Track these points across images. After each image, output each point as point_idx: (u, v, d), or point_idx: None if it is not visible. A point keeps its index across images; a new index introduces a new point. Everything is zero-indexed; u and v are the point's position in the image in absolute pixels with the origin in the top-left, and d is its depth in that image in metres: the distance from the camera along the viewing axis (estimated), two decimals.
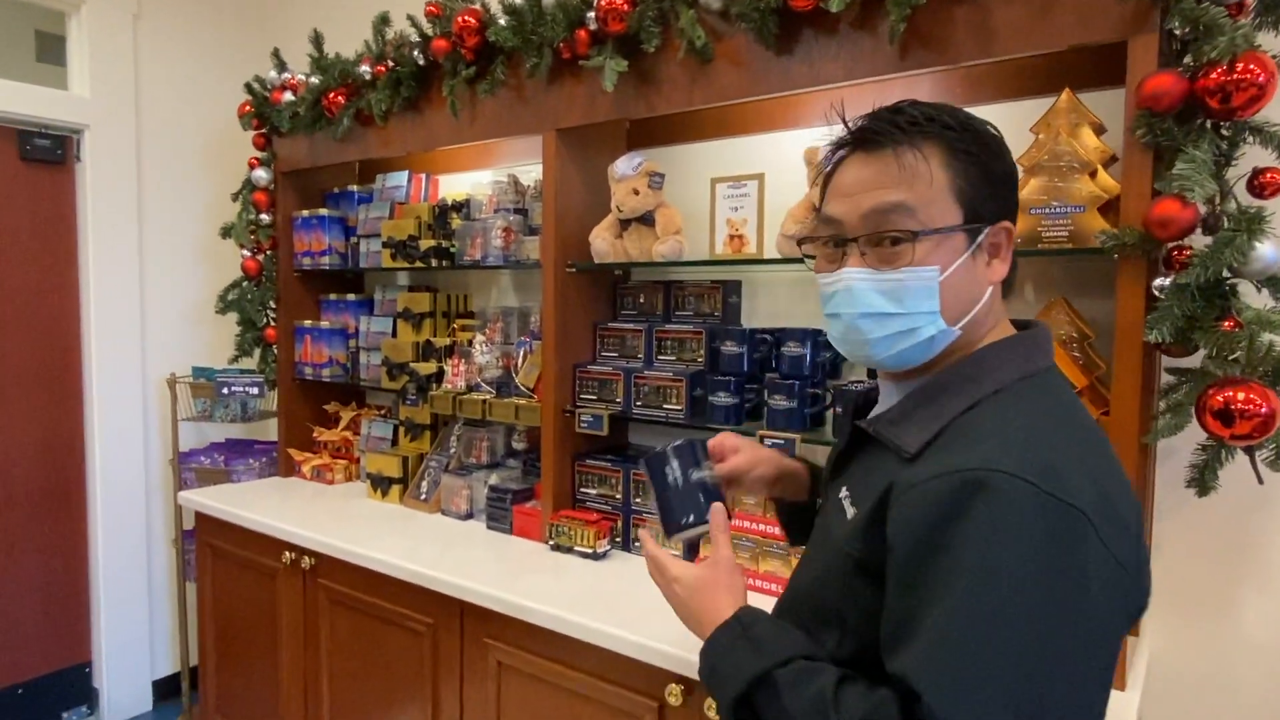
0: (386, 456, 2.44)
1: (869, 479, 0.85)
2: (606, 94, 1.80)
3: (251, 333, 2.78)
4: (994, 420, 0.78)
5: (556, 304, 1.99)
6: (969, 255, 0.84)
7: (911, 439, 0.82)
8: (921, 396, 0.85)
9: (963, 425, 0.79)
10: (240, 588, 2.42)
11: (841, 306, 0.86)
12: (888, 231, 0.82)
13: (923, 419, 0.82)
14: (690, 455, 1.08)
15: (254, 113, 2.66)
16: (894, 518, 0.76)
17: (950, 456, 0.75)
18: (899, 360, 0.87)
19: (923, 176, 0.82)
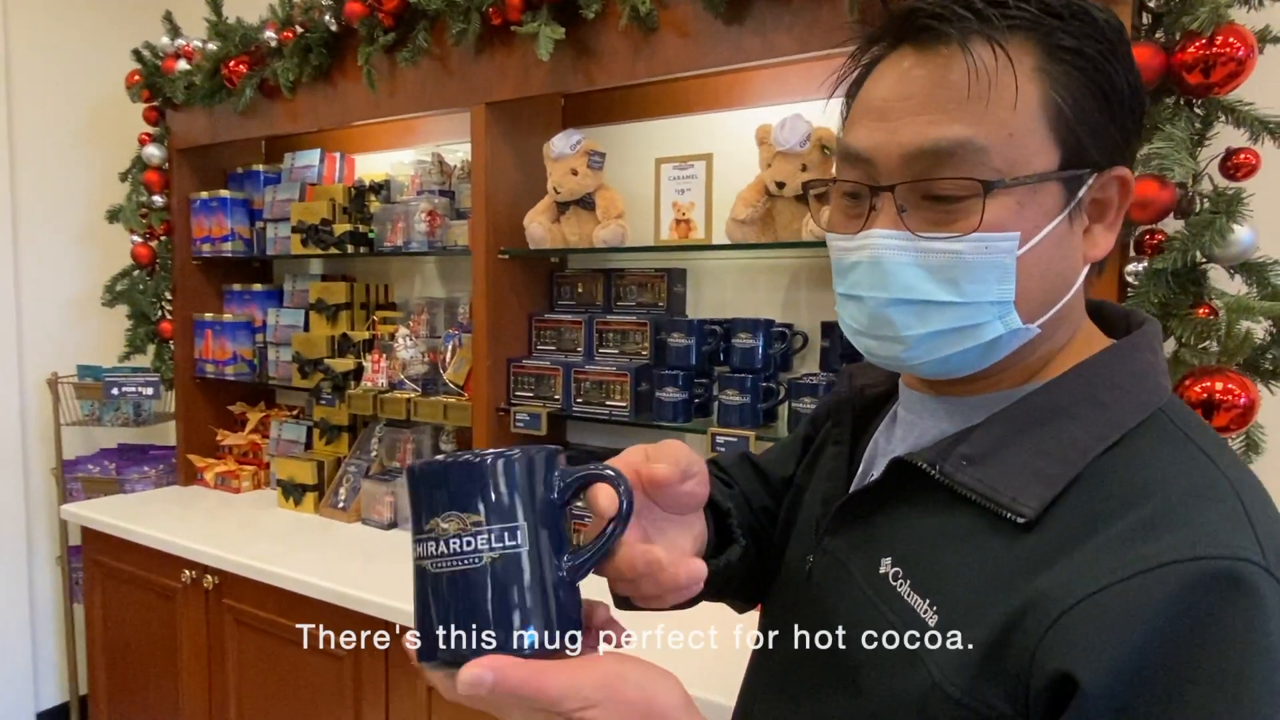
0: (299, 461, 2.24)
1: (940, 554, 0.56)
2: (541, 65, 1.66)
3: (144, 327, 2.52)
4: (1176, 471, 0.51)
5: (488, 294, 1.83)
6: (1064, 218, 0.55)
7: (1026, 491, 0.53)
8: (1021, 421, 0.56)
9: (1107, 475, 0.52)
10: (134, 610, 2.18)
11: (865, 286, 0.58)
12: (944, 180, 0.53)
13: (1029, 459, 0.54)
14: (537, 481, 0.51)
15: (144, 83, 2.39)
16: (1063, 640, 0.47)
17: (1131, 530, 0.48)
18: (943, 368, 0.59)
19: (1004, 94, 0.52)
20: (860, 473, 0.69)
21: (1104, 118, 0.55)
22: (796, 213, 1.54)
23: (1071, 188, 0.55)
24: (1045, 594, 0.49)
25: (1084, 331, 0.60)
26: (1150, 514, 0.49)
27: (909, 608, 0.56)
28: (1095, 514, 0.51)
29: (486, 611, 0.48)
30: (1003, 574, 0.52)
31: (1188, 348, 1.16)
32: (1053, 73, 0.53)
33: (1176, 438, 0.54)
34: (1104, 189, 0.57)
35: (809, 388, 1.52)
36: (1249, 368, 1.14)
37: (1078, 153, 0.54)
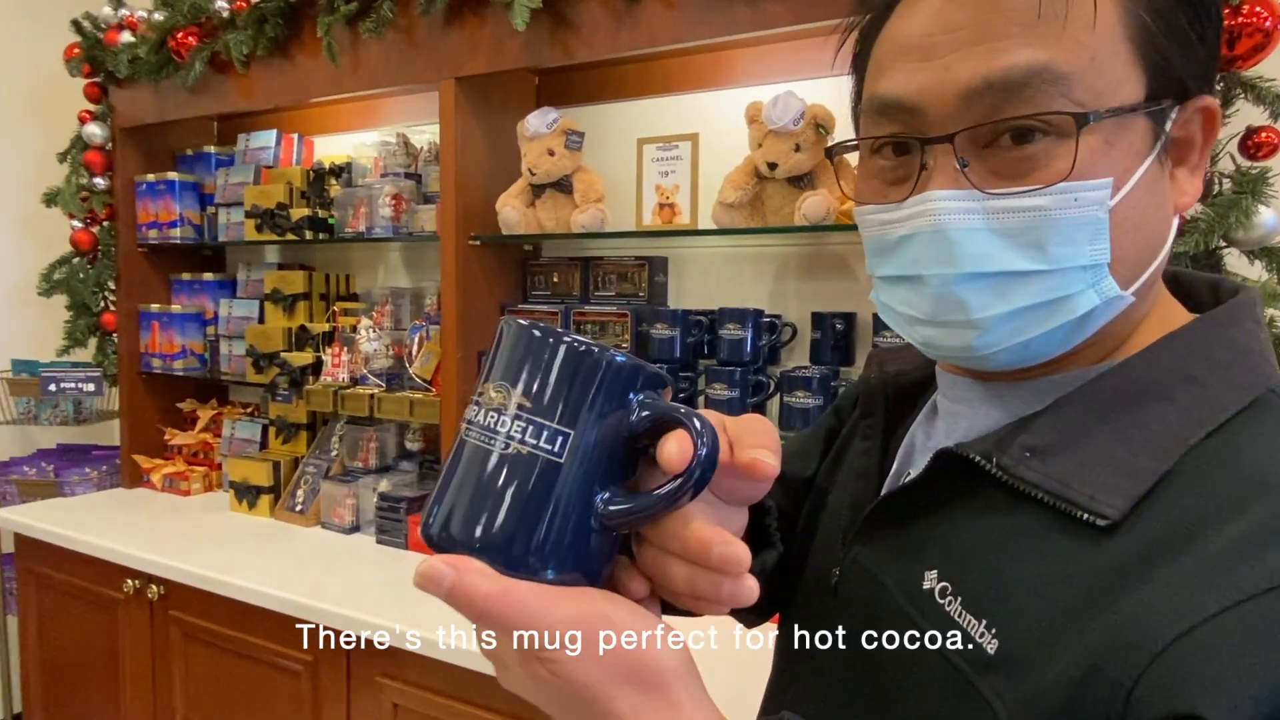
0: (254, 462, 2.10)
1: (999, 565, 0.46)
2: (516, 36, 1.55)
3: (85, 319, 2.36)
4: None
5: (457, 283, 1.72)
6: (1155, 160, 0.45)
7: (1107, 487, 0.43)
8: (1098, 405, 0.46)
9: (1211, 468, 0.43)
10: (72, 623, 2.03)
11: (926, 262, 0.47)
12: (1023, 119, 0.44)
13: (1110, 449, 0.44)
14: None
15: (84, 56, 2.23)
16: (1176, 676, 0.38)
17: (1252, 535, 0.39)
18: (1023, 354, 0.48)
19: (1080, 10, 0.43)
20: (894, 471, 0.59)
21: (1194, 34, 0.45)
22: (788, 196, 1.46)
23: (1160, 122, 0.45)
24: (1142, 617, 0.39)
25: (1166, 302, 0.50)
26: (1269, 517, 0.39)
27: (962, 630, 0.46)
28: (1199, 515, 0.41)
29: (495, 508, 0.40)
30: (1080, 590, 0.42)
31: None
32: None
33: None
34: (1187, 124, 0.46)
35: (801, 381, 1.44)
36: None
37: (1165, 80, 0.45)
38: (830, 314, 1.55)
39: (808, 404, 1.43)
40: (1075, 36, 0.43)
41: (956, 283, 0.46)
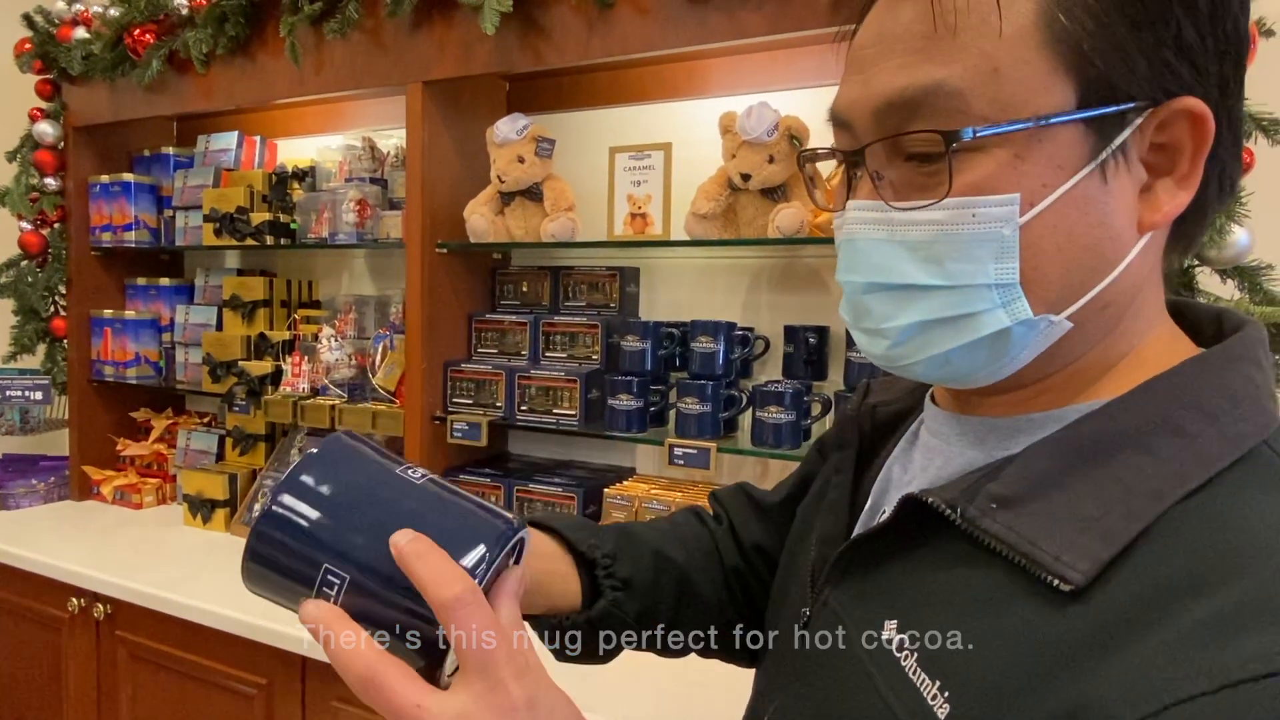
0: (209, 474, 2.02)
1: (958, 624, 0.44)
2: (486, 40, 1.51)
3: (34, 324, 2.26)
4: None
5: (423, 291, 1.67)
6: (1094, 172, 0.42)
7: (1074, 547, 0.40)
8: (1073, 452, 0.43)
9: (1188, 532, 0.39)
10: (12, 643, 1.93)
11: (844, 270, 0.48)
12: (913, 134, 0.43)
13: (1082, 504, 0.41)
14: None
15: (35, 52, 2.15)
16: None
17: (1223, 616, 0.36)
18: (947, 370, 0.47)
19: (984, 19, 0.41)
20: (870, 506, 0.57)
21: (1146, 33, 0.40)
22: (761, 207, 1.44)
23: (1105, 131, 0.41)
24: (1100, 699, 0.36)
25: (1163, 336, 0.47)
26: (1249, 594, 0.35)
27: (914, 690, 0.43)
28: (1170, 586, 0.37)
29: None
30: (1041, 658, 0.39)
31: None
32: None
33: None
34: (1166, 129, 0.42)
35: (773, 395, 1.42)
36: None
37: (1105, 85, 0.41)
38: (803, 327, 1.53)
39: (780, 419, 1.41)
40: (978, 47, 0.41)
41: (864, 291, 0.47)
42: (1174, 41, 0.41)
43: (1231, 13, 0.42)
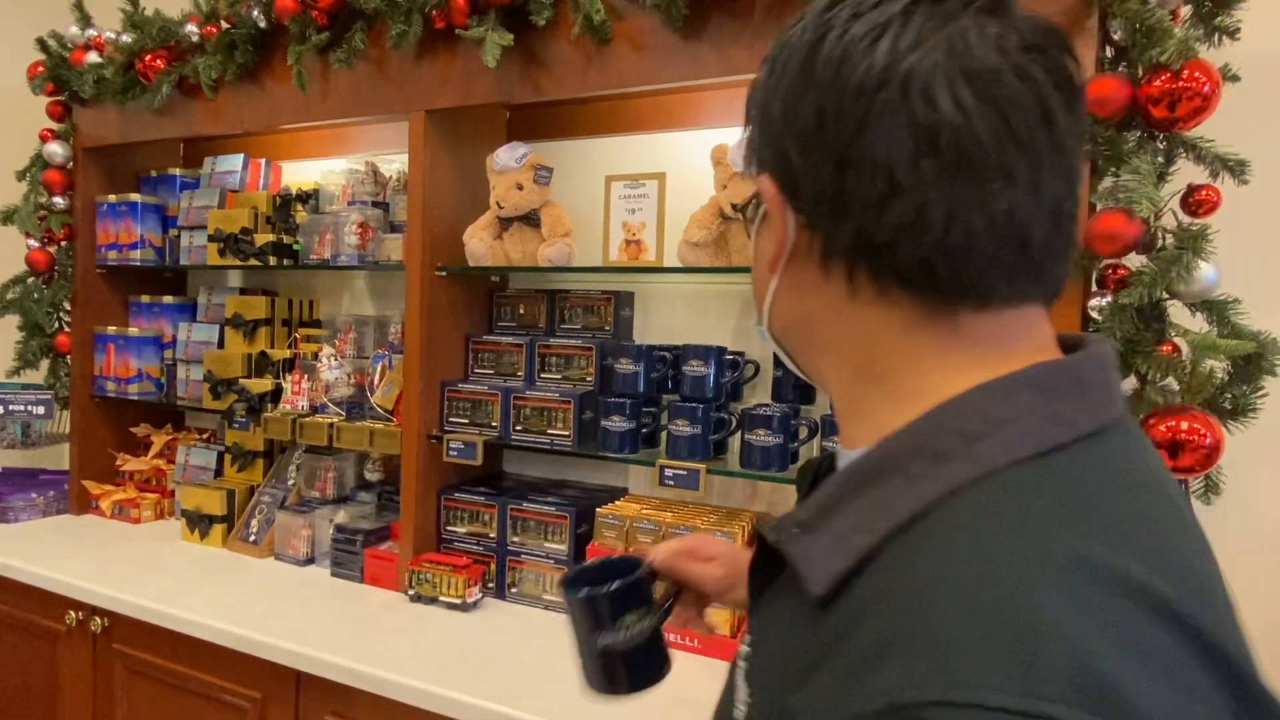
0: (207, 490, 2.05)
1: (772, 636, 0.49)
2: (487, 72, 1.57)
3: (38, 340, 2.30)
4: (959, 560, 0.37)
5: (422, 312, 1.71)
6: (758, 224, 0.54)
7: (821, 563, 0.44)
8: (856, 478, 0.45)
9: (901, 556, 0.41)
10: (9, 656, 1.95)
11: None
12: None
13: (847, 525, 0.44)
14: (619, 604, 0.76)
15: (48, 75, 2.20)
16: None
17: (874, 646, 0.37)
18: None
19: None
20: None
21: (764, 127, 0.50)
22: None
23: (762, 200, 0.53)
24: (800, 708, 0.39)
25: (947, 369, 0.46)
26: (899, 625, 0.36)
27: (739, 697, 0.50)
28: (863, 605, 0.39)
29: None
30: (801, 666, 0.42)
31: (1151, 385, 1.13)
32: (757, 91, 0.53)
33: (999, 509, 0.39)
34: (762, 196, 0.51)
35: (762, 418, 1.45)
36: (1209, 406, 1.12)
37: (760, 162, 0.51)
38: None
39: (768, 441, 1.44)
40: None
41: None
42: (783, 127, 0.48)
43: (826, 112, 0.46)
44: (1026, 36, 0.43)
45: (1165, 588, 0.35)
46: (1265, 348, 1.10)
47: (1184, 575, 0.37)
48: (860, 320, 0.48)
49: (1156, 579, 0.35)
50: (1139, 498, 0.41)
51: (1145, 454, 0.45)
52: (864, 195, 0.44)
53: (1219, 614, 0.37)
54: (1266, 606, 1.37)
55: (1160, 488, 0.43)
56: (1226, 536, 1.36)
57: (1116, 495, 0.40)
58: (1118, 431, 0.44)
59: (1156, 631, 0.33)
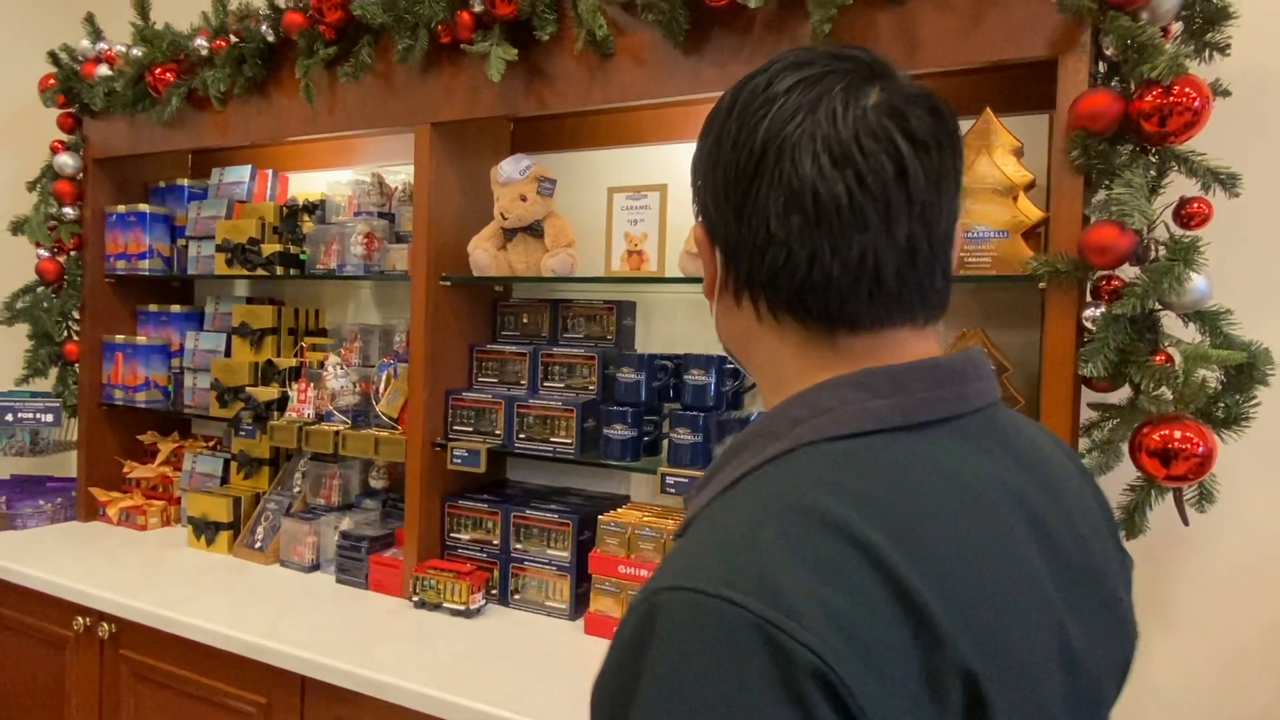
0: (213, 497, 2.07)
1: None
2: (491, 86, 1.60)
3: (47, 348, 2.33)
4: (723, 513, 0.50)
5: (427, 322, 1.74)
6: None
7: (691, 509, 0.57)
8: (727, 454, 0.58)
9: (718, 502, 0.53)
10: (17, 661, 1.97)
11: None
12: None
13: (712, 488, 0.56)
14: None
15: (59, 88, 2.24)
16: None
17: (666, 560, 0.50)
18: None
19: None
20: None
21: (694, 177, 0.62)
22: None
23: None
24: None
25: (804, 369, 0.57)
26: (680, 546, 0.50)
27: None
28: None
29: None
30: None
31: (1145, 395, 1.15)
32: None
33: (780, 471, 0.51)
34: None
35: None
36: (1201, 415, 1.14)
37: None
38: None
39: None
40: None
41: None
42: (699, 181, 0.60)
43: (723, 165, 0.57)
44: (892, 101, 0.52)
45: (868, 532, 0.44)
46: (1256, 358, 1.11)
47: (902, 533, 0.45)
48: (766, 340, 0.58)
49: (863, 525, 0.45)
50: (903, 477, 0.49)
51: (967, 453, 0.52)
52: (751, 243, 0.55)
53: (931, 567, 0.45)
54: (1262, 611, 1.38)
55: (946, 479, 0.50)
56: (1223, 544, 1.37)
57: (880, 471, 0.49)
58: (945, 429, 0.53)
59: (843, 556, 0.44)
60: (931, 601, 0.43)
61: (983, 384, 0.56)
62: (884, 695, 0.40)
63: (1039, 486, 0.55)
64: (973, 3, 1.24)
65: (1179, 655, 1.43)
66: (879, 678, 0.40)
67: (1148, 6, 1.12)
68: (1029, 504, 0.53)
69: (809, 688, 0.39)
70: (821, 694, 0.39)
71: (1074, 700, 0.51)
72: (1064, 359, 1.19)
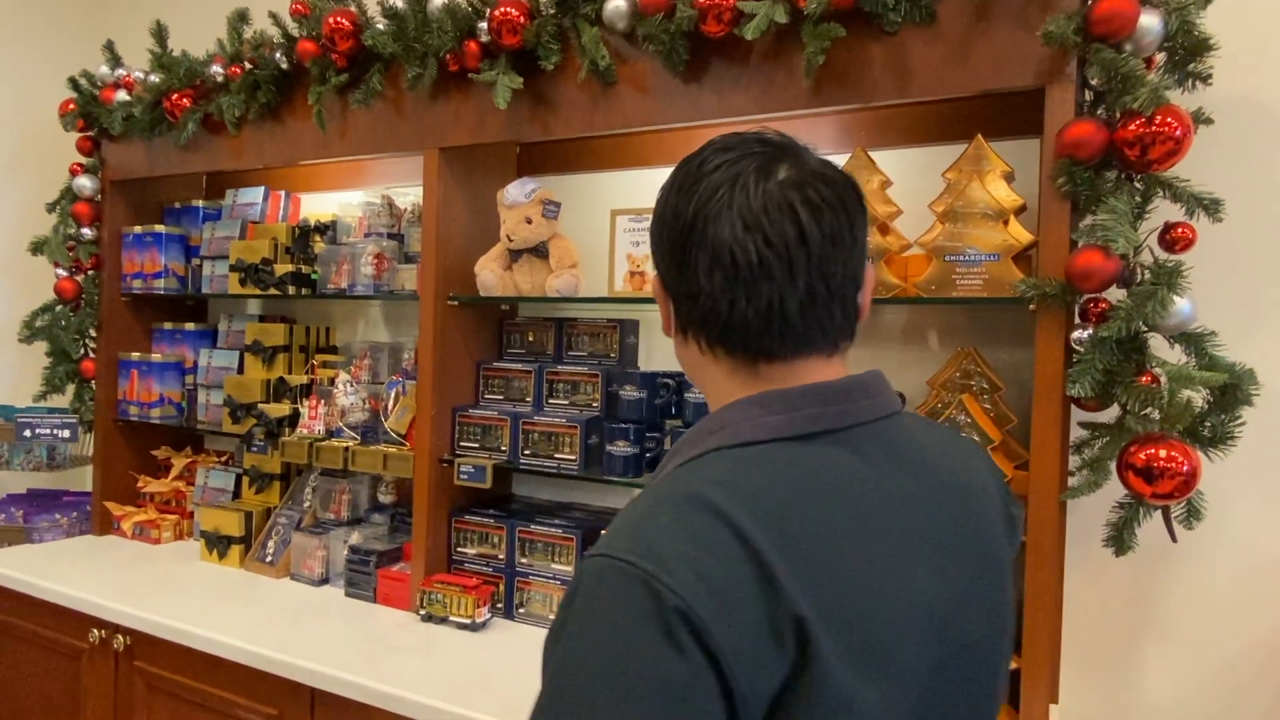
0: (225, 511, 2.12)
1: None
2: (498, 112, 1.64)
3: (64, 365, 2.38)
4: (650, 490, 0.64)
5: (435, 340, 1.78)
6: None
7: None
8: (666, 457, 0.72)
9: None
10: (34, 673, 2.01)
11: None
12: None
13: (665, 466, 0.71)
14: None
15: (79, 112, 2.30)
16: None
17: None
18: None
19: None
20: None
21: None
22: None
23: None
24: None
25: (732, 389, 0.69)
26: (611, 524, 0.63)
27: None
28: None
29: None
30: None
31: (1132, 415, 1.18)
32: None
33: (685, 471, 0.63)
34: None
35: None
36: (1189, 434, 1.17)
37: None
38: None
39: None
40: None
41: None
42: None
43: (666, 231, 0.69)
44: (796, 177, 0.65)
45: (738, 514, 0.56)
46: (1240, 378, 1.15)
47: (768, 515, 0.57)
48: (708, 368, 0.71)
49: (735, 509, 0.57)
50: (780, 475, 0.61)
51: (844, 458, 0.64)
52: (688, 293, 0.68)
53: (786, 541, 0.57)
54: (1257, 626, 1.40)
55: (817, 478, 0.61)
56: (1218, 560, 1.40)
57: (762, 470, 0.61)
58: (829, 439, 0.64)
59: (713, 529, 0.56)
60: (779, 565, 0.55)
61: (871, 402, 0.68)
62: (732, 631, 0.53)
63: (922, 485, 0.66)
64: (962, 34, 1.28)
65: (1175, 670, 1.45)
66: (729, 618, 0.53)
67: (1131, 38, 1.16)
68: (903, 499, 0.64)
69: (674, 620, 0.52)
70: (684, 627, 0.52)
71: (946, 660, 0.62)
72: (1054, 379, 1.22)
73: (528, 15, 1.57)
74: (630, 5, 1.48)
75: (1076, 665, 1.50)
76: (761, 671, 0.53)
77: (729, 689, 0.52)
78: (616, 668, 0.52)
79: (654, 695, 0.51)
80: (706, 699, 0.51)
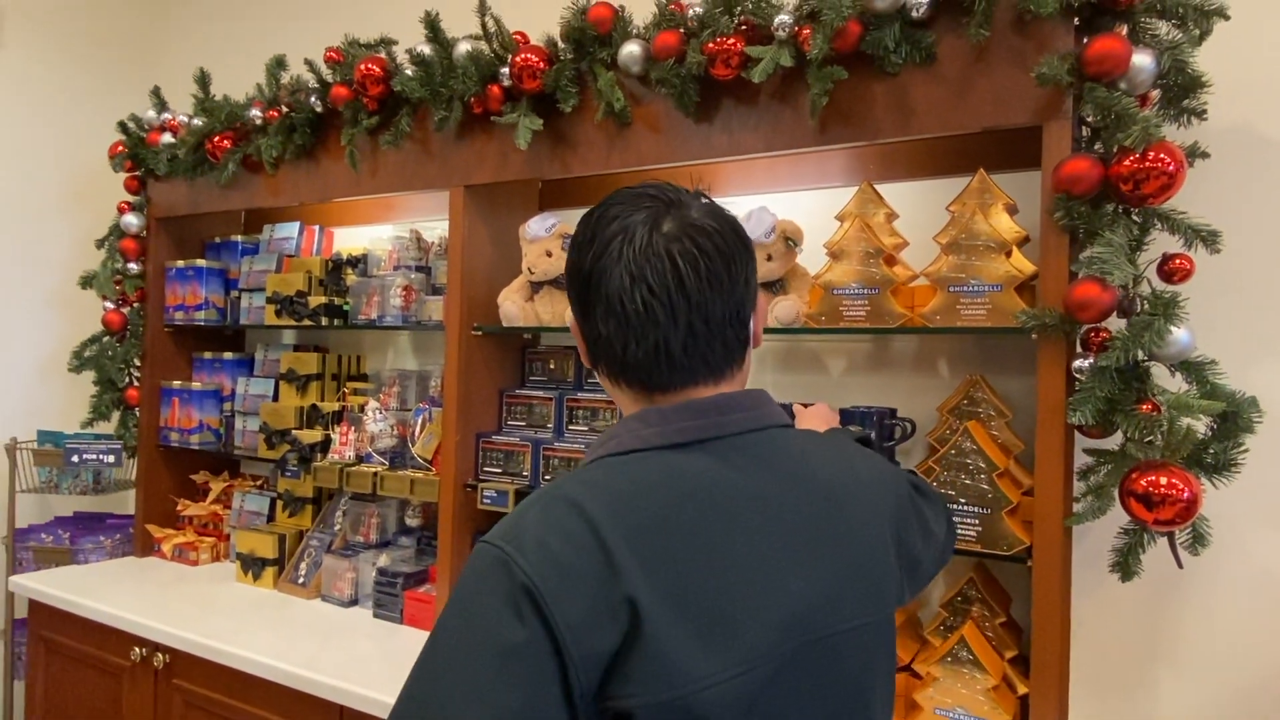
0: (260, 534, 2.20)
1: None
2: (519, 152, 1.72)
3: (110, 394, 2.49)
4: (538, 492, 0.74)
5: (460, 368, 1.85)
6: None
7: None
8: (596, 443, 0.82)
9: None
10: (78, 689, 2.10)
11: None
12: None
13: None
14: None
15: (127, 154, 2.43)
16: None
17: None
18: None
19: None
20: None
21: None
22: (762, 298, 1.59)
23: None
24: None
25: (631, 410, 0.79)
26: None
27: None
28: None
29: None
30: None
31: (1133, 442, 1.20)
32: None
33: (570, 476, 0.73)
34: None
35: None
36: (1192, 462, 1.19)
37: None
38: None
39: None
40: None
41: None
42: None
43: (574, 277, 0.79)
44: (677, 229, 0.74)
45: (594, 508, 0.66)
46: (1240, 406, 1.17)
47: (621, 510, 0.67)
48: (617, 395, 0.81)
49: (592, 504, 0.67)
50: (642, 477, 0.70)
51: (708, 464, 0.72)
52: (591, 336, 0.78)
53: (632, 531, 0.66)
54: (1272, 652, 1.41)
55: (677, 480, 0.71)
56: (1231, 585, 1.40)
57: (628, 473, 0.71)
58: (698, 448, 0.74)
59: (571, 522, 0.66)
60: (622, 552, 0.64)
61: (745, 415, 0.77)
62: (572, 608, 0.62)
63: (789, 488, 0.74)
64: (961, 74, 1.33)
65: (1187, 695, 1.45)
66: (570, 596, 0.63)
67: (1124, 77, 1.20)
68: (765, 499, 0.72)
69: (520, 596, 0.63)
70: (528, 600, 0.62)
71: (809, 643, 0.70)
72: (1056, 407, 1.25)
73: (547, 61, 1.64)
74: (644, 50, 1.55)
75: (1088, 690, 1.51)
76: (593, 640, 0.62)
77: (560, 651, 0.62)
78: (470, 628, 0.64)
79: (494, 653, 0.62)
80: (539, 657, 0.61)
